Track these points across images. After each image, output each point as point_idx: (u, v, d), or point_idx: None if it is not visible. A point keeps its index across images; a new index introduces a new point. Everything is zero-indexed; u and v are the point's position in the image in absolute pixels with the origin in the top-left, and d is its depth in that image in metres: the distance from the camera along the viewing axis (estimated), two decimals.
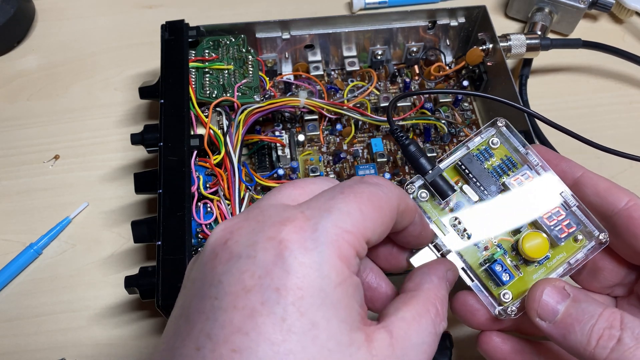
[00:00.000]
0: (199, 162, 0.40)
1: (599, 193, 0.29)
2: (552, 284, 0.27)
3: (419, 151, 0.31)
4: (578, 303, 0.26)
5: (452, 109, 0.48)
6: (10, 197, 0.46)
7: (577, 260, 0.30)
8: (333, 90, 0.49)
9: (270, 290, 0.19)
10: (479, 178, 0.31)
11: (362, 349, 0.20)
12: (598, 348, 0.24)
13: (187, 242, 0.35)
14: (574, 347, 0.25)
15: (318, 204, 0.22)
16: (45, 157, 0.48)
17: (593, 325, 0.25)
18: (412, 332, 0.23)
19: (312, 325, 0.19)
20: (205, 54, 0.45)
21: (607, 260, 0.30)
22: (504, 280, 0.29)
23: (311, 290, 0.19)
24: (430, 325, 0.24)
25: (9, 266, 0.42)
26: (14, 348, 0.40)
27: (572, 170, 0.30)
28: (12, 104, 0.51)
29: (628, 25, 0.58)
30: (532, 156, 0.31)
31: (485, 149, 0.31)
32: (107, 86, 0.53)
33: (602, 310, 0.25)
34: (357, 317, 0.21)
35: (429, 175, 0.30)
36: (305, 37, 0.48)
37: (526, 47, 0.49)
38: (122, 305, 0.41)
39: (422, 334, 0.23)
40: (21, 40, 0.55)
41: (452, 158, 0.31)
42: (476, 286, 0.30)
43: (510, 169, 0.31)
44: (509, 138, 0.31)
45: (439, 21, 0.49)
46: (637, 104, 0.53)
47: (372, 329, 0.22)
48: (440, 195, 0.30)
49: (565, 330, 0.25)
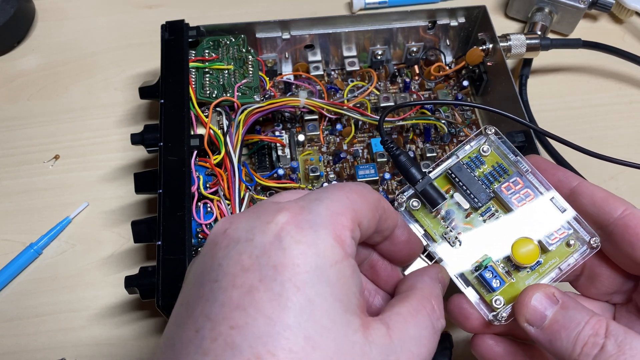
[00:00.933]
0: (199, 162, 0.40)
1: (595, 202, 0.29)
2: (542, 290, 0.27)
3: (409, 161, 0.31)
4: (566, 310, 0.26)
5: (452, 109, 0.48)
6: (10, 197, 0.46)
7: (568, 265, 0.30)
8: (333, 90, 0.49)
9: (267, 268, 0.20)
10: (468, 186, 0.31)
11: (358, 333, 0.21)
12: (582, 355, 0.24)
13: (187, 242, 0.35)
14: (559, 353, 0.25)
15: (310, 196, 0.23)
16: (45, 157, 0.48)
17: (579, 332, 0.25)
18: (410, 325, 0.23)
19: (308, 301, 0.19)
20: (205, 54, 0.45)
21: (604, 267, 0.30)
22: (494, 287, 0.30)
23: (307, 267, 0.20)
24: (427, 320, 0.24)
25: (9, 266, 0.42)
26: (14, 348, 0.40)
27: (569, 180, 0.31)
28: (12, 104, 0.51)
29: (628, 25, 0.58)
30: (522, 163, 0.31)
31: (476, 156, 0.32)
32: (107, 86, 0.53)
33: (589, 318, 0.25)
34: (354, 300, 0.21)
35: (419, 184, 0.31)
36: (305, 37, 0.48)
37: (526, 47, 0.49)
38: (122, 305, 0.41)
39: (420, 327, 0.24)
40: (21, 40, 0.55)
41: (442, 167, 0.32)
42: (470, 292, 0.30)
43: (501, 175, 0.31)
44: (499, 145, 0.32)
45: (439, 21, 0.49)
46: (637, 104, 0.53)
47: (369, 320, 0.22)
48: (431, 203, 0.31)
49: (552, 336, 0.26)
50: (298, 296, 0.19)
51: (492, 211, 0.31)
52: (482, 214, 0.31)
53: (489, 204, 0.31)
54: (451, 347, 0.38)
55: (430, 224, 0.31)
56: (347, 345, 0.20)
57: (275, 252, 0.20)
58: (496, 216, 0.31)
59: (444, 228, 0.31)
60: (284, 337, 0.19)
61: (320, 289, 0.20)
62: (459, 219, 0.31)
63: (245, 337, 0.19)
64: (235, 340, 0.19)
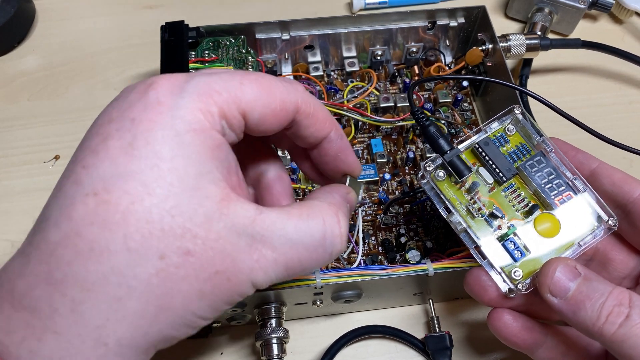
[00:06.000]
0: None
1: (615, 183, 0.31)
2: (565, 262, 0.28)
3: (438, 132, 0.33)
4: (589, 281, 0.27)
5: (452, 109, 0.48)
6: (11, 197, 0.46)
7: (586, 243, 0.31)
8: (333, 90, 0.49)
9: (126, 120, 0.21)
10: (495, 161, 0.32)
11: (210, 200, 0.21)
12: (607, 324, 0.25)
13: None
14: (583, 322, 0.26)
15: (206, 70, 0.24)
16: (45, 157, 0.48)
17: (603, 302, 0.26)
18: (290, 223, 0.23)
19: (154, 154, 0.21)
20: (205, 54, 0.45)
21: (617, 251, 0.32)
22: (516, 258, 0.30)
23: (163, 125, 0.21)
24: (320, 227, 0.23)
25: None
26: None
27: (589, 161, 0.32)
28: (12, 104, 0.51)
29: (628, 26, 0.58)
30: (547, 143, 0.32)
31: (501, 135, 0.33)
32: (107, 86, 0.53)
33: (612, 289, 0.26)
34: (216, 173, 0.22)
35: (447, 155, 0.32)
36: (305, 38, 0.48)
37: (526, 47, 0.49)
38: None
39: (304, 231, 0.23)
40: (21, 40, 0.55)
41: (470, 140, 0.33)
42: (487, 264, 0.31)
43: (524, 155, 0.32)
44: (524, 126, 0.32)
45: (438, 21, 0.49)
46: (637, 104, 0.53)
47: (235, 196, 0.22)
48: (458, 174, 0.31)
49: (576, 307, 0.26)
50: (147, 148, 0.21)
51: (514, 187, 0.32)
52: (505, 190, 0.32)
53: (512, 181, 0.32)
54: (451, 347, 0.38)
55: (455, 195, 0.32)
56: (189, 205, 0.21)
57: (137, 106, 0.21)
58: (518, 192, 0.32)
59: (467, 200, 0.32)
60: (122, 179, 0.20)
61: (171, 148, 0.21)
62: (483, 192, 0.32)
63: (90, 176, 0.21)
64: (82, 178, 0.21)
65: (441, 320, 0.39)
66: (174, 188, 0.21)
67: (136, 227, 0.20)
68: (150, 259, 0.20)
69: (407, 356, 0.39)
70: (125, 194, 0.20)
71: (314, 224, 0.23)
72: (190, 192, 0.21)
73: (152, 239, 0.20)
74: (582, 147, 0.34)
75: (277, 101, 0.24)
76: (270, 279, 0.23)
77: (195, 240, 0.21)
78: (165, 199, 0.20)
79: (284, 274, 0.23)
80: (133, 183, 0.20)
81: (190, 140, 0.21)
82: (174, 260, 0.20)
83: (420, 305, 0.41)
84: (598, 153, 0.34)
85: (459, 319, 0.41)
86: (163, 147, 0.21)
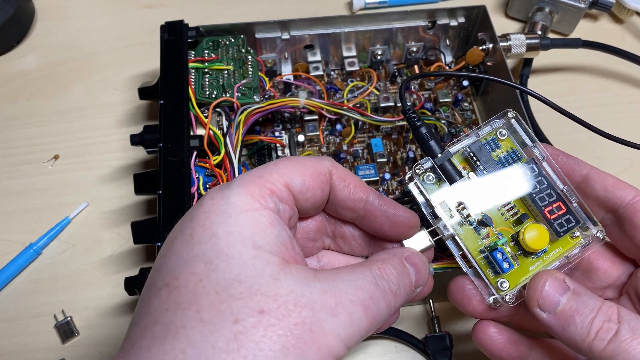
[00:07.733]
0: (199, 162, 0.40)
1: (607, 188, 0.30)
2: (554, 276, 0.27)
3: (429, 133, 0.31)
4: (578, 296, 0.26)
5: (452, 109, 0.48)
6: (10, 197, 0.46)
7: (574, 254, 0.30)
8: (333, 90, 0.49)
9: (186, 221, 0.23)
10: (486, 166, 0.31)
11: (271, 265, 0.22)
12: (596, 340, 0.25)
13: None
14: (572, 338, 0.26)
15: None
16: (45, 157, 0.48)
17: (593, 318, 0.25)
18: (342, 272, 0.24)
19: (212, 236, 0.22)
20: (204, 54, 0.45)
21: (602, 260, 0.31)
22: (504, 268, 0.29)
23: (216, 212, 0.23)
24: (369, 276, 0.24)
25: (9, 266, 0.42)
26: (14, 348, 0.40)
27: (580, 167, 0.31)
28: (12, 104, 0.51)
29: (628, 25, 0.58)
30: (539, 150, 0.31)
31: (492, 139, 0.31)
32: (107, 86, 0.53)
33: (601, 304, 0.26)
34: (273, 246, 0.23)
35: (438, 158, 0.30)
36: (305, 38, 0.48)
37: (526, 47, 0.49)
38: (122, 305, 0.41)
39: (354, 276, 0.23)
40: (21, 40, 0.55)
41: (461, 144, 0.31)
42: (472, 273, 0.30)
43: (515, 161, 0.31)
44: (517, 130, 0.31)
45: (438, 21, 0.49)
46: (637, 103, 0.53)
47: (298, 264, 0.23)
48: (449, 179, 0.30)
49: (565, 322, 0.26)
50: (205, 233, 0.22)
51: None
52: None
53: None
54: (451, 347, 0.38)
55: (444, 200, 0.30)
56: (254, 270, 0.22)
57: (195, 209, 0.24)
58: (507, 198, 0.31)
59: (456, 205, 0.30)
60: (187, 265, 0.22)
61: (226, 227, 0.22)
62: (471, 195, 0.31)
63: (160, 274, 0.22)
64: (155, 279, 0.22)
65: (441, 321, 0.39)
66: (235, 260, 0.22)
67: (207, 300, 0.21)
68: (224, 325, 0.20)
69: (407, 356, 0.39)
70: (192, 275, 0.21)
71: (361, 269, 0.24)
72: (252, 261, 0.22)
73: (223, 306, 0.21)
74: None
75: (310, 167, 0.25)
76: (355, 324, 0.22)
77: (266, 299, 0.21)
78: (229, 270, 0.21)
79: (363, 316, 0.23)
80: (197, 264, 0.22)
81: (244, 219, 0.23)
82: (250, 321, 0.20)
83: (421, 306, 0.41)
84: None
85: (459, 319, 0.41)
86: (219, 228, 0.22)
